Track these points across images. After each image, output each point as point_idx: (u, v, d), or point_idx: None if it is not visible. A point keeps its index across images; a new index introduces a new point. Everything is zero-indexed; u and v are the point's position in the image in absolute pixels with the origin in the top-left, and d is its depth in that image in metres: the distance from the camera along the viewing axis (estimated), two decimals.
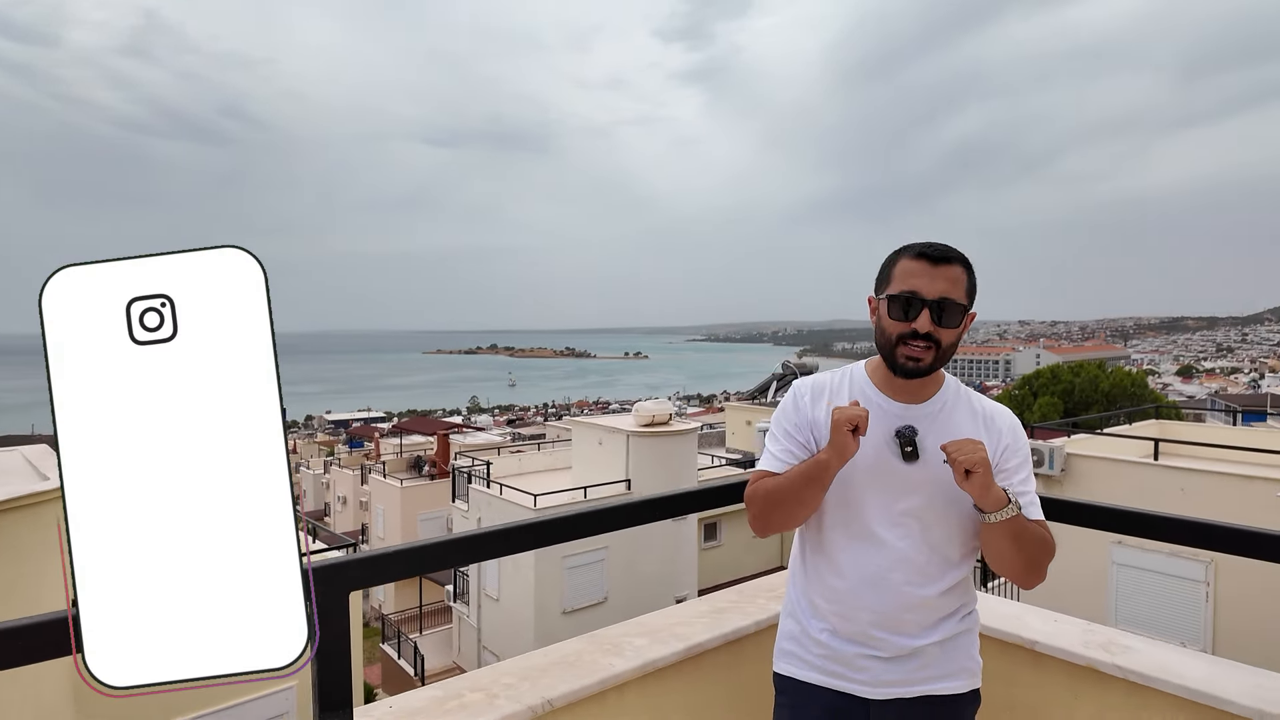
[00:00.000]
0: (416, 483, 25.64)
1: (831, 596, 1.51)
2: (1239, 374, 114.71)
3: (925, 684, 1.47)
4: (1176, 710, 1.62)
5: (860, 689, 1.48)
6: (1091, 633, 1.86)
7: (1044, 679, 1.83)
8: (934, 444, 1.44)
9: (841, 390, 1.56)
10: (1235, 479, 9.24)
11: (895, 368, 1.48)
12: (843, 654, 1.49)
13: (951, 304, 1.43)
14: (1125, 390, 29.19)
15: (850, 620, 1.49)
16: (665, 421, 16.28)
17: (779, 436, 1.57)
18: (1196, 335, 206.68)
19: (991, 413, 1.54)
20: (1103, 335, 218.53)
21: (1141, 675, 1.66)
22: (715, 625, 1.93)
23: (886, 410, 1.50)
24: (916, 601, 1.46)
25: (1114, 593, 9.68)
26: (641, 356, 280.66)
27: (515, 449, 23.99)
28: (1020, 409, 29.85)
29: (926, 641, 1.47)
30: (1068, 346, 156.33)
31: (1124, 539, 9.53)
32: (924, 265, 1.44)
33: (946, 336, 1.44)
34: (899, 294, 1.44)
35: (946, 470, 1.41)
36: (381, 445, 34.54)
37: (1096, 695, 1.74)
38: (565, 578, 14.81)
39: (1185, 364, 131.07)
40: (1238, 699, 1.54)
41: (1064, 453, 10.69)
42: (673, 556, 15.54)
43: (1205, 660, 1.71)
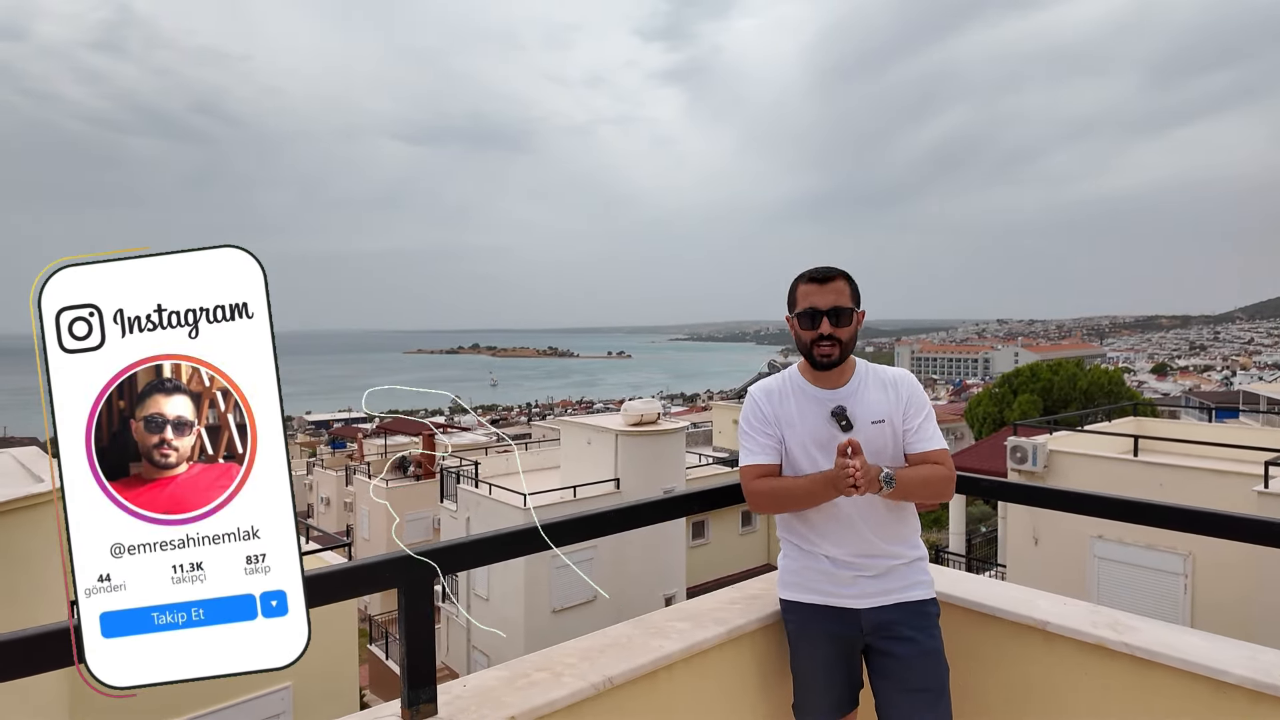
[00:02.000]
0: (402, 483, 25.56)
1: (822, 538, 1.98)
2: (1212, 371, 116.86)
3: (899, 593, 1.95)
4: (1177, 681, 1.76)
5: (851, 601, 1.95)
6: (1097, 613, 2.01)
7: (1055, 657, 1.98)
8: (860, 414, 1.94)
9: (785, 389, 2.04)
10: (1212, 474, 9.51)
11: (815, 364, 1.99)
12: (837, 577, 1.96)
13: (842, 310, 1.93)
14: (1103, 388, 29.74)
15: (839, 553, 1.95)
16: (653, 421, 16.40)
17: (755, 434, 2.02)
18: (1170, 334, 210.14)
19: (895, 379, 2.02)
20: (1079, 334, 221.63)
21: (1146, 651, 1.81)
22: (750, 610, 2.07)
23: (820, 397, 1.99)
24: (883, 534, 1.95)
25: (1095, 585, 9.93)
26: (624, 356, 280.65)
27: (503, 449, 23.99)
28: (1000, 406, 30.30)
29: (896, 563, 1.96)
30: (1045, 345, 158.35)
31: (1104, 533, 9.79)
32: (815, 286, 1.95)
33: (844, 334, 1.95)
34: (803, 311, 1.96)
35: (873, 431, 1.93)
36: (365, 446, 34.35)
37: (1104, 671, 1.89)
38: (554, 577, 14.88)
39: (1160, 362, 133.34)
40: (1232, 669, 1.69)
41: (1046, 449, 10.95)
42: (661, 555, 15.67)
43: (1203, 637, 1.86)
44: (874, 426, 1.95)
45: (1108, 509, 2.18)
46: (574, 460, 17.17)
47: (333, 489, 29.44)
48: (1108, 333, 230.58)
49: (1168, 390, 70.14)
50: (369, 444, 34.77)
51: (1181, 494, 9.39)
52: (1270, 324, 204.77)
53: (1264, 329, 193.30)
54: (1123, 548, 9.81)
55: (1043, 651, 1.99)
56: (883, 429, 1.96)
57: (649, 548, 15.28)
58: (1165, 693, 1.79)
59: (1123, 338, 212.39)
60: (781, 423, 1.99)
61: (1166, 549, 9.37)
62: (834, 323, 1.92)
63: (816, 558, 1.99)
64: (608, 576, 15.23)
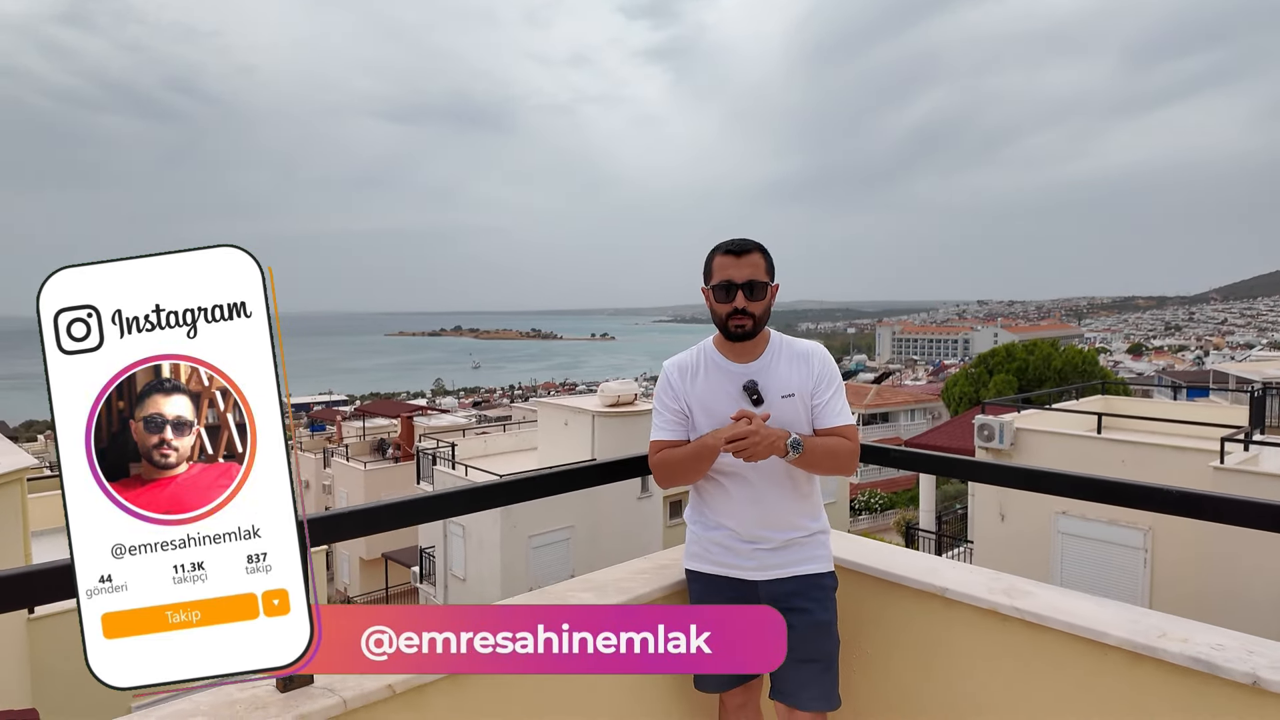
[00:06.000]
0: (380, 465, 25.53)
1: (723, 510, 2.00)
2: (1186, 351, 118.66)
3: (796, 566, 1.98)
4: (1063, 644, 1.81)
5: (749, 574, 1.98)
6: (997, 580, 2.05)
7: (954, 622, 2.02)
8: (771, 388, 1.96)
9: (699, 364, 2.04)
10: (1172, 450, 9.67)
11: (729, 335, 1.98)
12: (736, 549, 1.99)
13: (757, 284, 1.92)
14: (1077, 368, 30.11)
15: (739, 526, 1.98)
16: (630, 402, 16.45)
17: (663, 410, 2.05)
18: (1146, 314, 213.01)
19: (807, 353, 2.02)
20: (1058, 315, 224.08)
21: (1035, 615, 1.85)
22: (655, 579, 2.10)
23: (733, 371, 2.00)
24: (783, 508, 1.98)
25: (1058, 560, 10.11)
26: (608, 338, 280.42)
27: (481, 430, 23.98)
28: (976, 386, 30.62)
29: (796, 534, 1.99)
30: (1024, 326, 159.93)
31: (1068, 509, 9.96)
32: (731, 259, 1.93)
33: (757, 307, 1.93)
34: (719, 283, 1.94)
35: (783, 406, 1.94)
36: (344, 429, 34.19)
37: (998, 634, 1.93)
38: (531, 557, 14.95)
39: (1135, 342, 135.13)
40: (1112, 631, 1.74)
41: (1013, 428, 11.08)
42: (638, 534, 15.77)
43: (1095, 602, 1.90)
44: (784, 400, 1.96)
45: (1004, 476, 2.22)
46: (551, 442, 17.22)
47: (311, 472, 29.35)
48: (1086, 313, 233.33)
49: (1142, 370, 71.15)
50: (348, 426, 34.62)
51: (1142, 470, 9.55)
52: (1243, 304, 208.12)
53: (1237, 310, 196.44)
54: (1085, 523, 9.99)
55: (943, 617, 2.04)
56: (793, 402, 1.97)
57: (626, 527, 15.39)
58: (1051, 654, 1.84)
59: (1100, 318, 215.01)
60: (691, 397, 2.01)
61: (1127, 524, 9.55)
62: (749, 295, 1.91)
63: (719, 529, 2.02)
64: (584, 556, 15.32)
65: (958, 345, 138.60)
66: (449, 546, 16.49)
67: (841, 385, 2.04)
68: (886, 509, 30.40)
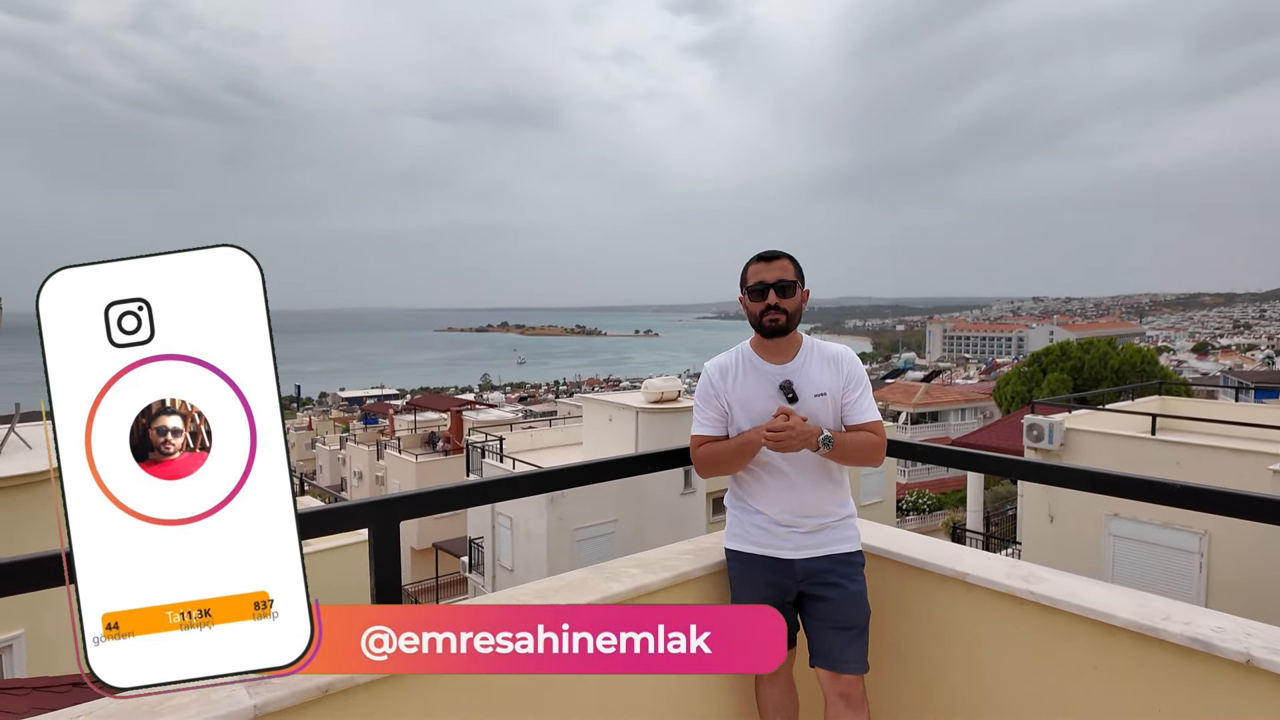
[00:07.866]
0: (431, 458, 26.23)
1: (761, 498, 2.21)
2: (1255, 350, 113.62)
3: (828, 546, 2.19)
4: (1074, 625, 1.96)
5: (786, 553, 2.18)
6: (1016, 567, 2.20)
7: (974, 605, 2.18)
8: (805, 387, 2.16)
9: (738, 365, 2.24)
10: (1230, 453, 9.42)
11: (765, 332, 2.19)
12: (774, 531, 2.20)
13: (786, 283, 2.15)
14: (1135, 367, 29.21)
15: (776, 512, 2.19)
16: (674, 398, 16.64)
17: (704, 408, 2.25)
18: (1213, 312, 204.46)
19: (837, 356, 2.23)
20: (1118, 312, 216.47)
21: (1049, 599, 2.00)
22: (698, 559, 2.30)
23: (769, 371, 2.20)
24: (816, 496, 2.19)
25: (1110, 563, 9.95)
26: (652, 334, 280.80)
27: (527, 425, 24.45)
28: (1029, 385, 29.95)
29: (827, 519, 2.20)
30: (1082, 323, 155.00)
31: (1120, 511, 9.80)
32: (762, 264, 2.18)
33: (789, 304, 2.15)
34: (753, 286, 2.17)
35: (817, 404, 2.15)
36: (396, 422, 35.16)
37: (1014, 617, 2.09)
38: (576, 549, 15.28)
39: (1201, 341, 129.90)
40: (1120, 614, 1.88)
41: (1063, 428, 10.91)
42: (681, 529, 15.96)
43: (1105, 588, 2.04)
44: (817, 399, 2.16)
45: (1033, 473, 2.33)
46: (596, 437, 17.52)
47: (365, 463, 30.30)
48: (1148, 311, 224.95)
49: (1208, 370, 68.44)
50: (399, 420, 35.58)
51: (1198, 473, 9.34)
52: None
53: None
54: (1138, 525, 9.81)
55: (964, 600, 2.20)
56: (825, 401, 2.17)
57: (669, 522, 15.60)
58: (1063, 635, 1.98)
59: (1163, 316, 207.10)
60: (731, 396, 2.22)
61: (1182, 527, 9.35)
62: (780, 294, 2.14)
63: (758, 514, 2.22)
64: (627, 549, 15.52)
65: (1011, 343, 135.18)
66: (497, 538, 16.92)
67: (869, 385, 2.26)
68: (935, 510, 30.00)
